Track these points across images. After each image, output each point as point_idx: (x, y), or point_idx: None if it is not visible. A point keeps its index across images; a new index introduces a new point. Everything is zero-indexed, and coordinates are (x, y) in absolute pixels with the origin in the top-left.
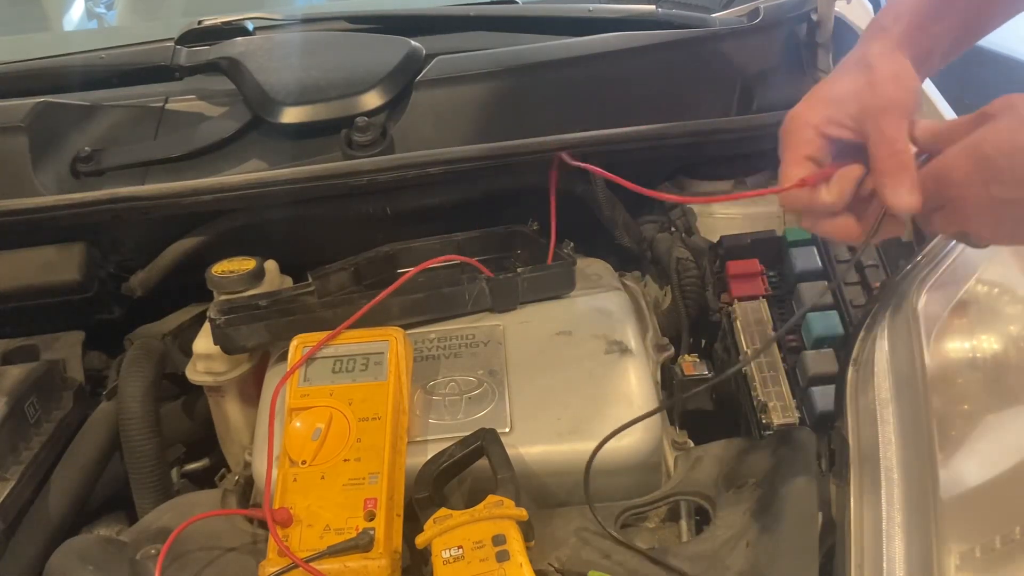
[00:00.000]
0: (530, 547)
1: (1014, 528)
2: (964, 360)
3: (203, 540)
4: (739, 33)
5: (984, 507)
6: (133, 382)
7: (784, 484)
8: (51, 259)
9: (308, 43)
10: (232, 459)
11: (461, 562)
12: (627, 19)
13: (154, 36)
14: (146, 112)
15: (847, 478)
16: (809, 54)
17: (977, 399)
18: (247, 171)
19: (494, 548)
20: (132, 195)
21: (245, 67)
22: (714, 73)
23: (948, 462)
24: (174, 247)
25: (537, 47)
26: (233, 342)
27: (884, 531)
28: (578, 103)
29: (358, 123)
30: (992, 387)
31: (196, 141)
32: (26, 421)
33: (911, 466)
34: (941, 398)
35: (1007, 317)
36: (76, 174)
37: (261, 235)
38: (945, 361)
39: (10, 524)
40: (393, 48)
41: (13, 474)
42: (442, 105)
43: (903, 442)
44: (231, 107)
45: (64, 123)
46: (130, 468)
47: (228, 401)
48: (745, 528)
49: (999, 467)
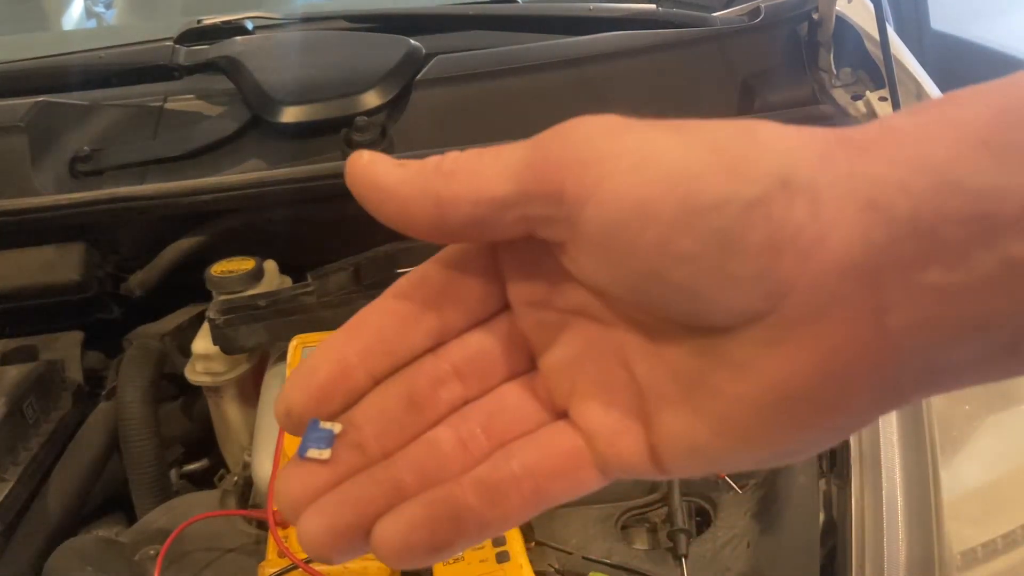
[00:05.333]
0: (530, 548)
1: (1016, 528)
2: None
3: (202, 541)
4: (740, 32)
5: (986, 507)
6: (132, 383)
7: (785, 485)
8: (50, 259)
9: (308, 42)
10: (231, 459)
11: (461, 563)
12: (628, 18)
13: (153, 35)
14: (145, 112)
15: (848, 478)
16: (810, 53)
17: (977, 399)
18: (246, 171)
19: (494, 549)
20: (131, 195)
21: (244, 66)
22: (715, 73)
23: (949, 462)
24: (173, 247)
25: (537, 46)
26: (232, 342)
27: (885, 531)
28: (578, 102)
29: (358, 123)
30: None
31: (195, 140)
32: (25, 421)
33: (912, 466)
34: (942, 398)
35: None
36: (75, 174)
37: (261, 235)
38: None
39: (9, 525)
40: (393, 47)
41: (12, 475)
42: (442, 104)
43: (904, 442)
44: (230, 106)
45: (63, 123)
46: (129, 469)
47: (227, 401)
48: (746, 529)
49: (1000, 467)
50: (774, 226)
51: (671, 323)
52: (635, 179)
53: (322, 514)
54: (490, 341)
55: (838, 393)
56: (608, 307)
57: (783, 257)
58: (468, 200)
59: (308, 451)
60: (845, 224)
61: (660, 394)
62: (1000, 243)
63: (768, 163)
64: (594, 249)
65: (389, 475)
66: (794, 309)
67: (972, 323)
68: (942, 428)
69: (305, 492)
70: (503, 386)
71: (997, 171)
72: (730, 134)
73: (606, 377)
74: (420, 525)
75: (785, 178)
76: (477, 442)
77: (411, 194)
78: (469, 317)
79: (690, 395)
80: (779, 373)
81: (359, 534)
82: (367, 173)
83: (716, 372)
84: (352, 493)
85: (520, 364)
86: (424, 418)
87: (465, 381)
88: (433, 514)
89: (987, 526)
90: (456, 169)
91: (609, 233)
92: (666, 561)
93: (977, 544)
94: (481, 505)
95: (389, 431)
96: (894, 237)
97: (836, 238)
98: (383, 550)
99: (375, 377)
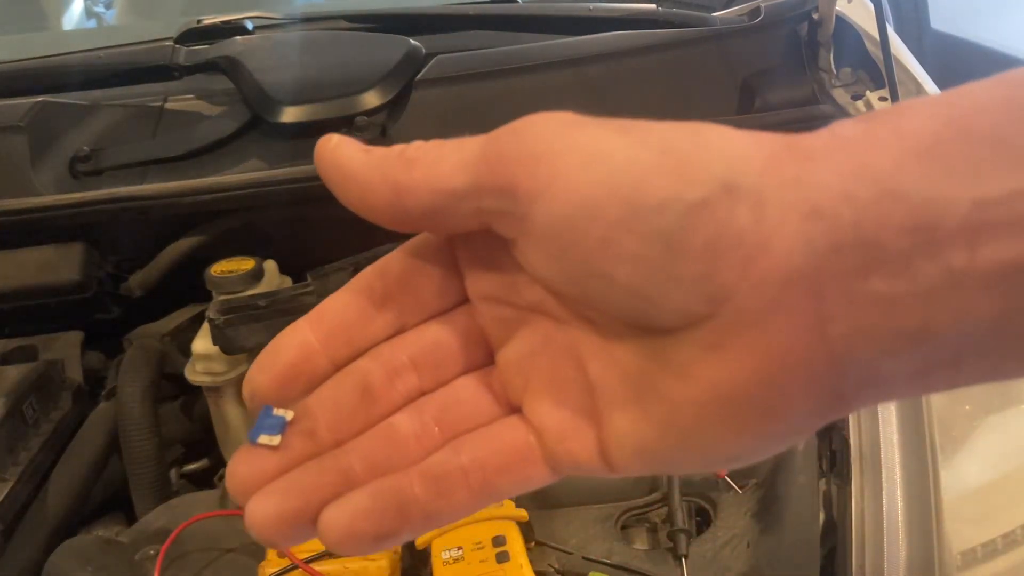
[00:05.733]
0: (530, 548)
1: (1016, 528)
2: None
3: (202, 541)
4: (740, 32)
5: (986, 507)
6: (132, 383)
7: (785, 485)
8: (50, 259)
9: (307, 42)
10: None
11: (461, 563)
12: (628, 18)
13: (153, 35)
14: (145, 111)
15: (848, 478)
16: (810, 53)
17: (978, 399)
18: (246, 171)
19: (494, 549)
20: (131, 195)
21: (244, 66)
22: (715, 72)
23: (949, 462)
24: (173, 247)
25: (537, 46)
26: (232, 342)
27: (885, 532)
28: (578, 102)
29: (357, 122)
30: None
31: (195, 140)
32: (24, 422)
33: (912, 466)
34: (942, 398)
35: None
36: (75, 174)
37: (261, 235)
38: None
39: (8, 525)
40: (393, 47)
41: (11, 475)
42: (442, 104)
43: (904, 442)
44: (230, 106)
45: (63, 122)
46: (129, 469)
47: (227, 401)
48: (746, 529)
49: (1000, 467)
50: (716, 230)
51: (621, 323)
52: (583, 177)
53: (269, 499)
54: (448, 334)
55: (778, 399)
56: (563, 305)
57: (724, 261)
58: (425, 189)
59: (259, 437)
60: (788, 231)
61: (610, 394)
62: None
63: (713, 167)
64: (543, 245)
65: (339, 464)
66: (736, 314)
67: (914, 333)
68: (942, 428)
69: (254, 477)
70: (459, 379)
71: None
72: (679, 136)
73: (559, 374)
74: (366, 514)
75: (729, 182)
76: (430, 434)
77: (372, 179)
78: (429, 309)
79: (638, 396)
80: (719, 377)
81: (305, 520)
82: (333, 156)
83: (662, 374)
84: (300, 480)
85: (477, 358)
86: (378, 408)
87: (421, 373)
88: (379, 503)
89: (987, 526)
90: (417, 158)
91: (557, 229)
92: (666, 561)
93: (977, 544)
94: (427, 496)
95: (342, 420)
96: (837, 245)
97: (779, 245)
98: (328, 536)
99: (336, 364)
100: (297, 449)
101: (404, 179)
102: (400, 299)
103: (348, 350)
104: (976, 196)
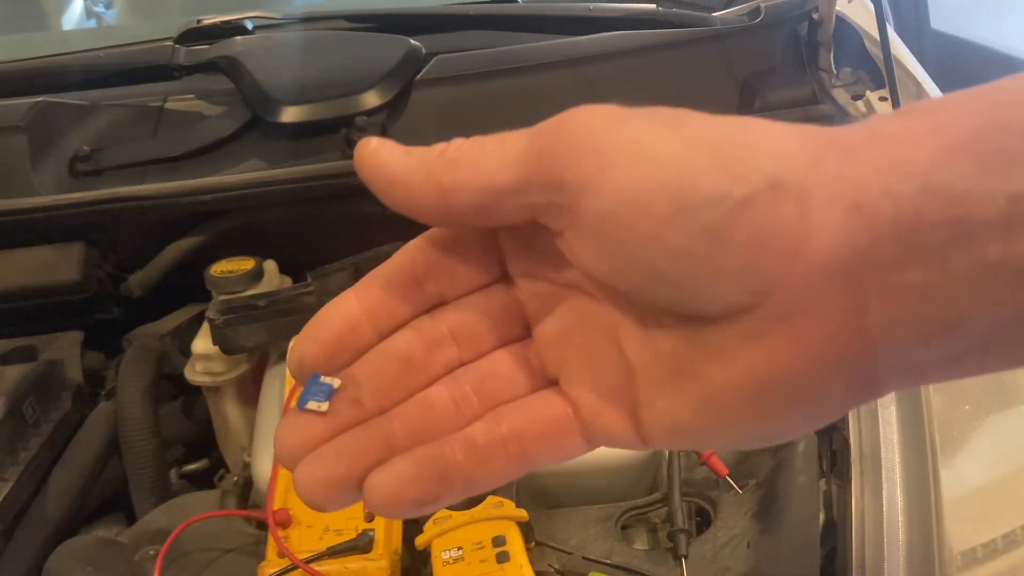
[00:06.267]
0: (530, 548)
1: (1016, 528)
2: None
3: (202, 541)
4: (740, 32)
5: (986, 507)
6: (132, 383)
7: (785, 485)
8: (49, 259)
9: (307, 42)
10: (231, 460)
11: (461, 563)
12: (628, 18)
13: (153, 35)
14: (145, 112)
15: (848, 479)
16: (810, 53)
17: (978, 399)
18: (246, 171)
19: (494, 549)
20: (131, 195)
21: (244, 66)
22: (715, 72)
23: (949, 462)
24: (173, 247)
25: (537, 46)
26: (232, 342)
27: (885, 532)
28: (578, 102)
29: (358, 122)
30: (992, 387)
31: (195, 140)
32: (24, 422)
33: (912, 466)
34: (942, 398)
35: None
36: (75, 174)
37: (260, 235)
38: None
39: (8, 525)
40: (392, 47)
41: (11, 475)
42: (442, 104)
43: (904, 442)
44: (230, 106)
45: (62, 122)
46: (129, 469)
47: (227, 401)
48: (746, 529)
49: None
50: (762, 225)
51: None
52: (632, 173)
53: (318, 463)
54: (486, 307)
55: (814, 384)
56: (602, 288)
57: (769, 255)
58: (471, 188)
59: (308, 403)
60: (831, 226)
61: (647, 373)
62: (977, 245)
63: (760, 164)
64: (589, 238)
65: (383, 430)
66: (778, 305)
67: (947, 322)
68: (942, 428)
69: (303, 442)
70: (497, 352)
71: (977, 176)
72: (725, 131)
73: (596, 351)
74: (410, 479)
75: (776, 179)
76: (468, 403)
77: (415, 181)
78: (468, 284)
79: (675, 377)
80: (760, 363)
81: (352, 485)
82: (374, 160)
83: (701, 358)
84: (347, 445)
85: (515, 331)
86: (419, 378)
87: (460, 344)
88: (423, 470)
89: (987, 526)
90: (459, 157)
91: (604, 223)
92: (666, 561)
93: (977, 544)
94: (468, 464)
95: (385, 389)
96: (876, 239)
97: (821, 239)
98: (374, 500)
99: (380, 334)
100: (343, 416)
101: (448, 180)
102: (441, 274)
103: (391, 321)
104: (1012, 191)
